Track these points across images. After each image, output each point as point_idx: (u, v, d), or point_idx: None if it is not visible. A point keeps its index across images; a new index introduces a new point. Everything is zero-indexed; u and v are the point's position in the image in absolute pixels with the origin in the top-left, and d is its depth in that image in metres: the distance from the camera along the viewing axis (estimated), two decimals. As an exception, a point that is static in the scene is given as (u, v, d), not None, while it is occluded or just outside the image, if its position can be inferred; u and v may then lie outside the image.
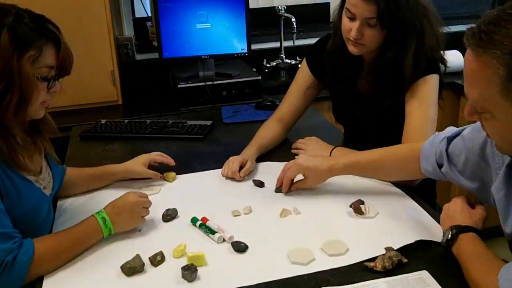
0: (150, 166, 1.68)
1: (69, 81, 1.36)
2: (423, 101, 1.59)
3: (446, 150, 1.31)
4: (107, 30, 2.44)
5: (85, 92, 2.46)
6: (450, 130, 1.35)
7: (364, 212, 1.43)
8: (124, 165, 1.61)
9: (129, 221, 1.38)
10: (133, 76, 2.76)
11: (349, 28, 1.56)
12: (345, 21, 1.57)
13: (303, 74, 1.88)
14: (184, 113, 2.39)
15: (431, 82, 1.60)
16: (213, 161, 1.84)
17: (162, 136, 2.08)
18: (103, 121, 2.23)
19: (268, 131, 1.89)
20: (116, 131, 2.13)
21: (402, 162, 1.46)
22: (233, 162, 1.69)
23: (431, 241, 1.28)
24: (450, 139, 1.32)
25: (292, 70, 2.98)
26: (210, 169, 1.77)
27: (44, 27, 1.25)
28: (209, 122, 2.17)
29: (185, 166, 1.82)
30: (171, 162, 1.69)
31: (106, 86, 2.51)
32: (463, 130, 1.31)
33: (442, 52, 1.61)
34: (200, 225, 1.41)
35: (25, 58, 1.20)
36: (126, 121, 2.22)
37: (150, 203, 1.42)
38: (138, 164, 1.62)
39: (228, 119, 2.26)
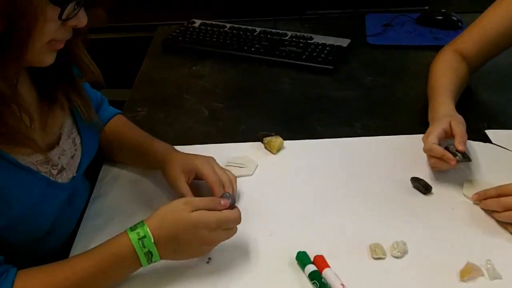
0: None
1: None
2: None
3: None
4: None
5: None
6: None
7: None
8: (165, 157, 0.94)
9: (193, 254, 0.80)
10: None
11: None
12: None
13: None
14: (309, 19, 1.65)
15: None
16: (344, 117, 1.16)
17: (273, 60, 1.40)
18: (196, 23, 1.59)
19: (453, 72, 1.13)
20: (211, 44, 1.48)
21: None
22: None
23: None
24: None
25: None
26: (339, 136, 1.10)
27: None
28: (345, 42, 1.44)
29: (300, 122, 1.16)
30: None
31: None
32: None
33: None
34: (313, 276, 0.78)
35: None
36: (227, 26, 1.56)
37: (238, 219, 0.80)
38: (177, 169, 0.91)
39: (375, 38, 1.50)
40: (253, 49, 1.43)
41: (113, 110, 1.05)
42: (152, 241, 0.74)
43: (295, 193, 0.96)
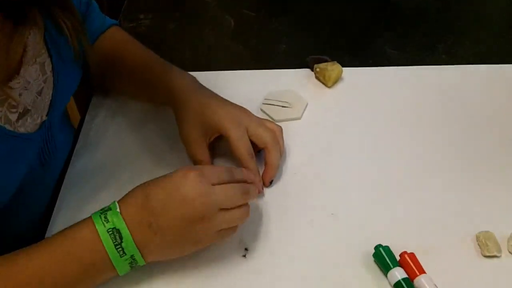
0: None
1: None
2: None
3: None
4: None
5: None
6: None
7: None
8: (179, 99, 0.64)
9: (189, 247, 0.53)
10: None
11: None
12: None
13: None
14: None
15: None
16: (422, 36, 0.85)
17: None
18: None
19: None
20: None
21: None
22: None
23: None
24: None
25: None
26: (417, 63, 0.80)
27: None
28: None
29: (363, 42, 0.85)
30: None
31: None
32: None
33: None
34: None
35: None
36: None
37: (254, 193, 0.55)
38: (193, 123, 0.63)
39: None
40: None
41: (106, 21, 0.74)
42: (123, 221, 0.49)
43: (363, 147, 0.68)
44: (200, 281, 0.55)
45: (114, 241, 0.49)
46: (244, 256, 0.57)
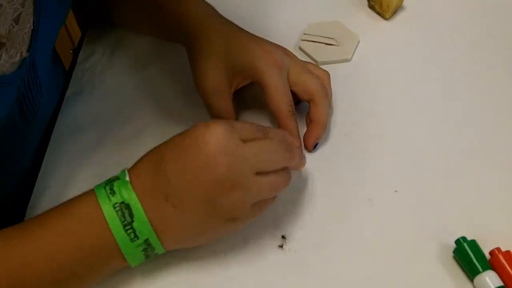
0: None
1: None
2: None
3: None
4: None
5: None
6: None
7: None
8: (195, 33, 0.47)
9: (218, 228, 0.39)
10: None
11: None
12: None
13: None
14: None
15: None
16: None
17: None
18: None
19: None
20: None
21: None
22: None
23: None
24: None
25: None
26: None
27: None
28: None
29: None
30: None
31: None
32: None
33: None
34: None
35: None
36: None
37: (298, 156, 0.41)
38: (212, 63, 0.46)
39: None
40: None
41: None
42: (136, 196, 0.37)
43: (435, 99, 0.52)
44: (219, 280, 0.42)
45: (123, 219, 0.36)
46: (281, 246, 0.43)
